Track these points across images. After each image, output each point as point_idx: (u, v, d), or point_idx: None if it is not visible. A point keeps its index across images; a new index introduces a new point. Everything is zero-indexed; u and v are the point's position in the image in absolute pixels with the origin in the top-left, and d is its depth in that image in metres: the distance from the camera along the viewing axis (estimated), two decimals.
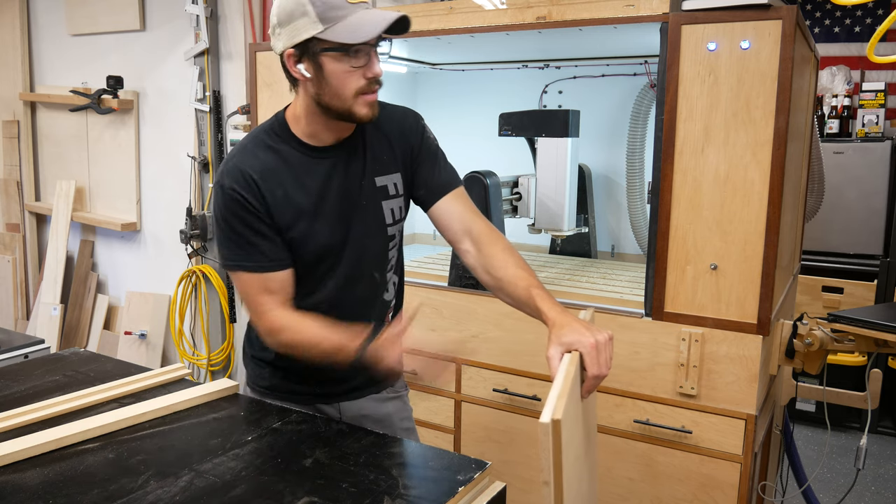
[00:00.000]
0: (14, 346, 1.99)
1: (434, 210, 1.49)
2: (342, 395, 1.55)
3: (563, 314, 1.24)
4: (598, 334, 1.18)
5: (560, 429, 0.93)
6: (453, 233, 1.47)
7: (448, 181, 1.50)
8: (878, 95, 3.98)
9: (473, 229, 1.46)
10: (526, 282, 1.35)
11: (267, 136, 1.41)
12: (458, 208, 1.48)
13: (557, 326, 1.21)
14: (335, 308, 1.44)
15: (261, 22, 3.28)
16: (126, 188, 3.86)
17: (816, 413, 3.73)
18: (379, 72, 1.31)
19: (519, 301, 1.36)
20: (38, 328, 3.99)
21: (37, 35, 4.12)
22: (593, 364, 1.16)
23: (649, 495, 1.97)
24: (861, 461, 2.00)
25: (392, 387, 1.62)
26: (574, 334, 1.18)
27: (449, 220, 1.48)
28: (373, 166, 1.45)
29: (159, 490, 1.09)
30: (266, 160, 1.38)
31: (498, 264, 1.40)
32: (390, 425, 1.59)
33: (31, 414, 1.35)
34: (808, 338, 1.90)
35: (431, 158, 1.50)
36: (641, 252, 2.66)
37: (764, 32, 1.69)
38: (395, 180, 1.48)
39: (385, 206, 1.47)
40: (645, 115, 2.50)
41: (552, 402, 0.98)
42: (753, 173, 1.74)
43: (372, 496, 1.09)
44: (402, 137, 1.48)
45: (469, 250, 1.46)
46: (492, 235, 1.45)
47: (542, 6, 1.98)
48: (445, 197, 1.48)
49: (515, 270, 1.38)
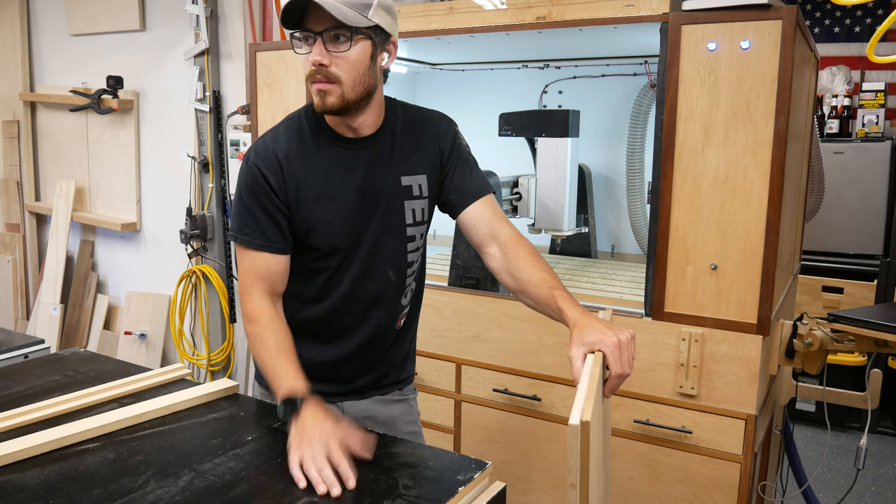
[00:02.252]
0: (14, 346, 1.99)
1: (464, 215, 1.50)
2: (346, 395, 1.54)
3: (584, 315, 1.23)
4: (621, 333, 1.18)
5: (588, 430, 0.93)
6: (481, 237, 1.48)
7: (479, 188, 1.51)
8: (878, 95, 3.98)
9: (501, 235, 1.47)
10: (549, 284, 1.35)
11: (301, 120, 1.43)
12: (487, 214, 1.49)
13: (579, 327, 1.21)
14: (348, 303, 1.45)
15: (261, 22, 3.28)
16: (126, 188, 3.86)
17: (816, 413, 3.73)
18: (317, 59, 1.28)
19: (541, 303, 1.36)
20: (38, 328, 3.99)
21: (37, 35, 4.12)
22: (616, 363, 1.16)
23: (649, 495, 1.97)
24: (861, 461, 2.00)
25: (400, 390, 1.61)
26: (596, 334, 1.17)
27: (477, 224, 1.49)
28: (399, 165, 1.45)
29: (159, 490, 1.09)
30: (294, 143, 1.39)
31: (521, 266, 1.41)
32: (394, 427, 1.58)
33: (31, 414, 1.34)
34: (808, 338, 1.90)
35: (463, 164, 1.51)
36: (641, 252, 2.66)
37: (764, 32, 1.69)
38: (421, 181, 1.48)
39: (407, 206, 1.47)
40: (645, 115, 2.50)
41: (580, 403, 0.97)
42: (753, 173, 1.74)
43: (372, 496, 1.09)
44: (433, 140, 1.49)
45: (495, 254, 1.46)
46: (518, 240, 1.46)
47: (542, 6, 1.98)
48: (476, 203, 1.49)
49: (539, 273, 1.38)
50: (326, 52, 1.28)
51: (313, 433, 1.16)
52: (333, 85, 1.30)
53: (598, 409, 1.07)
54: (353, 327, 1.48)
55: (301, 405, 1.22)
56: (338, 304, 1.45)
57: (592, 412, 0.95)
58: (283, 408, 1.25)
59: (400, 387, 1.61)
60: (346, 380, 1.53)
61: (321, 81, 1.30)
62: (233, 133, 3.15)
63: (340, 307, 1.45)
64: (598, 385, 1.09)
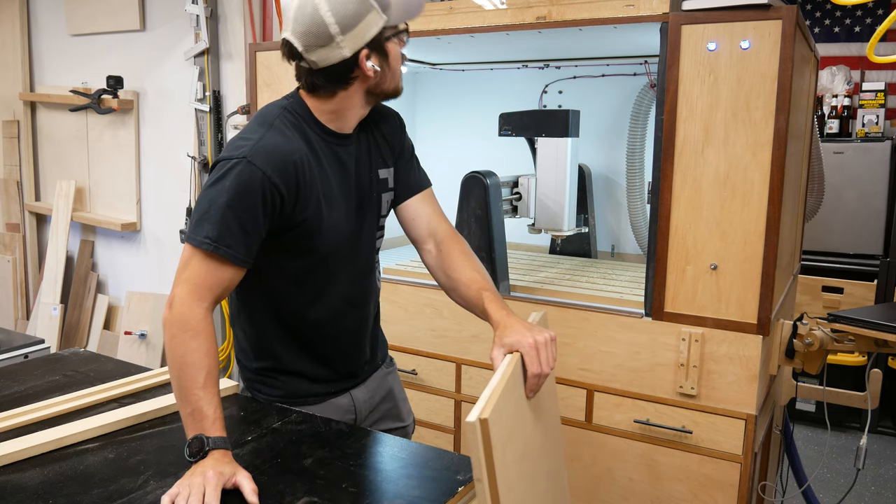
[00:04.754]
0: (14, 346, 1.99)
1: (404, 207, 1.53)
2: (354, 385, 1.56)
3: (508, 317, 1.28)
4: (539, 334, 1.22)
5: (488, 427, 0.95)
6: (419, 232, 1.52)
7: (421, 181, 1.55)
8: (878, 95, 3.98)
9: (438, 232, 1.51)
10: (478, 284, 1.39)
11: (290, 115, 1.34)
12: (427, 209, 1.53)
13: (501, 328, 1.26)
14: (348, 302, 1.46)
15: (261, 22, 3.28)
16: (126, 188, 3.86)
17: (816, 413, 3.73)
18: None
19: (469, 302, 1.41)
20: (38, 328, 3.99)
21: (37, 35, 4.12)
22: (533, 363, 1.19)
23: (649, 495, 1.97)
24: (861, 461, 2.00)
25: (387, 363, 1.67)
26: (515, 335, 1.22)
27: (417, 219, 1.52)
28: (376, 158, 1.47)
29: (159, 490, 1.09)
30: (298, 143, 1.31)
31: (455, 266, 1.45)
32: (394, 399, 1.64)
33: (31, 414, 1.35)
34: (808, 338, 1.90)
35: (408, 157, 1.55)
36: (641, 252, 2.66)
37: (764, 32, 1.69)
38: (390, 174, 1.52)
39: (384, 198, 1.50)
40: (645, 115, 2.50)
41: (482, 400, 1.00)
42: (753, 173, 1.74)
43: (372, 496, 1.09)
44: (392, 133, 1.52)
45: (430, 251, 1.51)
46: (454, 238, 1.50)
47: (542, 6, 1.98)
48: (416, 196, 1.53)
49: (471, 273, 1.42)
50: None
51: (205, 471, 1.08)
52: None
53: (515, 406, 1.11)
54: (355, 320, 1.50)
55: (209, 453, 1.11)
56: (337, 303, 1.44)
57: (497, 409, 0.98)
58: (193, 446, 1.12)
59: (386, 359, 1.66)
60: (352, 371, 1.54)
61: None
62: (233, 133, 3.15)
63: (340, 306, 1.45)
64: (515, 383, 1.13)
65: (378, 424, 1.61)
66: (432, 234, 1.51)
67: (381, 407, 1.61)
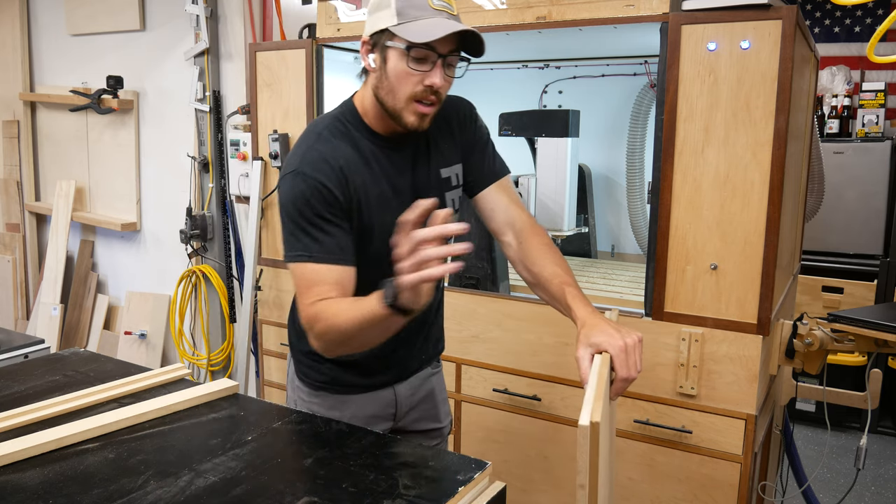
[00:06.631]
0: (14, 346, 1.99)
1: (480, 198, 1.51)
2: (399, 379, 1.56)
3: (593, 315, 1.24)
4: (628, 336, 1.17)
5: (598, 431, 0.93)
6: (497, 224, 1.50)
7: (496, 170, 1.52)
8: (878, 95, 3.98)
9: (517, 222, 1.48)
10: (560, 279, 1.36)
11: (340, 123, 1.38)
12: (503, 199, 1.50)
13: (587, 327, 1.21)
14: None
15: (261, 22, 3.28)
16: (126, 188, 3.86)
17: (816, 413, 3.73)
18: (438, 83, 1.28)
19: (553, 298, 1.38)
20: (38, 328, 3.99)
21: (37, 35, 4.12)
22: (623, 367, 1.15)
23: (649, 495, 1.97)
24: (861, 461, 2.00)
25: (436, 363, 1.68)
26: (603, 335, 1.17)
27: (494, 209, 1.50)
28: (437, 158, 1.46)
29: (159, 490, 1.09)
30: (345, 149, 1.35)
31: (536, 260, 1.42)
32: (433, 400, 1.65)
33: (31, 414, 1.34)
34: (808, 338, 1.90)
35: (482, 146, 1.52)
36: (641, 252, 2.66)
37: (764, 32, 1.69)
38: (457, 171, 1.49)
39: (448, 197, 1.48)
40: (645, 115, 2.50)
41: (589, 403, 0.96)
42: (753, 173, 1.74)
43: (372, 496, 1.09)
44: (458, 127, 1.50)
45: (510, 243, 1.48)
46: (533, 229, 1.47)
47: (542, 6, 1.98)
48: (492, 186, 1.50)
49: (552, 268, 1.39)
50: (444, 75, 1.28)
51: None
52: (435, 107, 1.32)
53: (606, 410, 1.07)
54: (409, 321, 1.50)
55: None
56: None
57: (602, 413, 0.95)
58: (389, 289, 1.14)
59: (437, 360, 1.67)
60: (400, 368, 1.55)
61: (432, 104, 1.30)
62: (233, 133, 3.15)
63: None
64: (606, 386, 1.09)
65: (417, 424, 1.62)
66: (510, 224, 1.48)
67: (420, 406, 1.62)
